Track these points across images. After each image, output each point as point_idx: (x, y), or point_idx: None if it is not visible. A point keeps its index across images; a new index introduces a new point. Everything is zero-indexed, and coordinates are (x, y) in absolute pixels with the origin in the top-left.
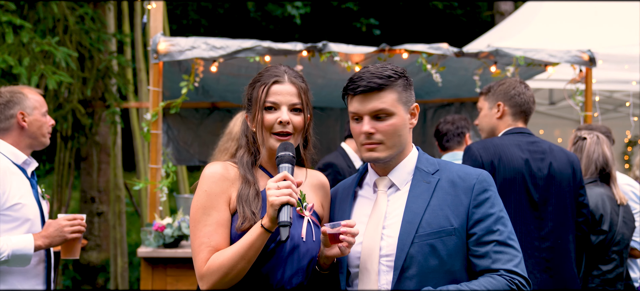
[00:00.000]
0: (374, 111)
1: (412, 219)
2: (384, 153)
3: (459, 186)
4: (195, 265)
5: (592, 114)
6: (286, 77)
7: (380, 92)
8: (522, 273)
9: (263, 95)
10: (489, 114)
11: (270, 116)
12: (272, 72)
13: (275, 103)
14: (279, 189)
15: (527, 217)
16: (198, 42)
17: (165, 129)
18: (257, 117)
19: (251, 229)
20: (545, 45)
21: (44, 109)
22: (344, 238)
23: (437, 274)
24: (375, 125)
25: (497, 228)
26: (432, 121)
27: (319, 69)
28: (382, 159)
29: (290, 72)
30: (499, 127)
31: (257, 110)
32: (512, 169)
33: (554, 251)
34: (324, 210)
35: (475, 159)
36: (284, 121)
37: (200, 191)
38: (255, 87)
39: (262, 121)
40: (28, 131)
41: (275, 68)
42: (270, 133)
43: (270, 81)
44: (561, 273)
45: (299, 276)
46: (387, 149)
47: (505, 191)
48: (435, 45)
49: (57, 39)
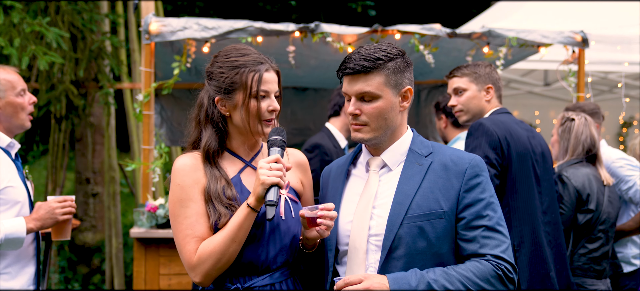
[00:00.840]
0: (360, 93)
1: (403, 201)
2: (368, 134)
3: (451, 170)
4: (183, 259)
5: (585, 95)
6: (269, 64)
7: (367, 74)
8: (508, 259)
9: (255, 84)
10: (478, 96)
11: (263, 104)
12: (254, 57)
13: (267, 91)
14: (270, 170)
15: (535, 192)
16: (190, 23)
17: (159, 110)
18: (248, 105)
19: (237, 210)
20: (541, 26)
21: (18, 88)
22: (321, 222)
23: (424, 256)
24: (361, 106)
25: (486, 213)
26: (425, 102)
27: (311, 50)
28: (366, 140)
29: (268, 58)
30: (485, 109)
31: (247, 97)
32: (521, 145)
33: (553, 225)
34: (305, 188)
35: (491, 135)
36: (275, 109)
37: (174, 185)
38: (241, 73)
39: (257, 109)
40: (2, 114)
41: (254, 53)
42: (260, 120)
43: (261, 69)
44: (559, 247)
45: (284, 255)
46: (371, 131)
47: (519, 166)
48: (428, 26)
49: (48, 19)
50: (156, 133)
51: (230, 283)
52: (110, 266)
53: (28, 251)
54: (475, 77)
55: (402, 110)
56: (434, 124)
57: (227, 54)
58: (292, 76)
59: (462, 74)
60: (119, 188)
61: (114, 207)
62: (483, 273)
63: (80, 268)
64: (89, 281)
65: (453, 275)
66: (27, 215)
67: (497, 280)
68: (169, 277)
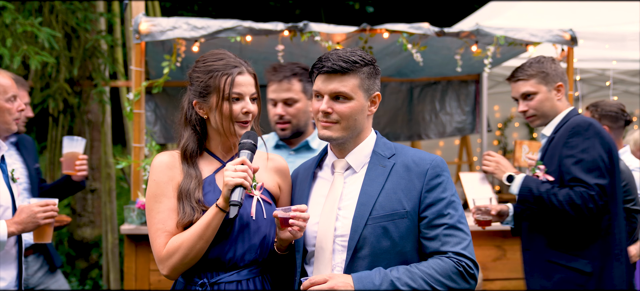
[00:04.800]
0: (335, 92)
1: (367, 202)
2: (337, 133)
3: (412, 171)
4: (154, 251)
5: (574, 93)
6: (244, 67)
7: (343, 75)
8: (469, 256)
9: (227, 87)
10: (549, 97)
11: (235, 106)
12: (228, 61)
13: (240, 94)
14: (235, 171)
15: None
16: (179, 23)
17: (153, 107)
18: (221, 107)
19: (208, 210)
20: (533, 24)
21: (9, 94)
22: (293, 223)
23: (388, 255)
24: (333, 105)
25: (447, 212)
26: (418, 99)
27: (301, 49)
28: (334, 139)
29: (243, 61)
30: (559, 109)
31: (219, 100)
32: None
33: None
34: (282, 192)
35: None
36: (249, 111)
37: (150, 181)
38: (215, 77)
39: (230, 112)
40: None
41: (229, 58)
42: (234, 122)
43: (234, 72)
44: None
45: (252, 253)
46: (341, 130)
47: (618, 171)
48: (416, 25)
49: (41, 19)
50: (148, 131)
51: (198, 278)
52: (107, 262)
53: (10, 253)
54: (543, 77)
55: (369, 114)
56: (427, 121)
57: (205, 59)
58: None
59: (528, 76)
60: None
61: (110, 203)
62: (444, 270)
63: (79, 263)
64: (87, 276)
65: (415, 272)
66: (9, 218)
67: (458, 276)
68: (159, 273)
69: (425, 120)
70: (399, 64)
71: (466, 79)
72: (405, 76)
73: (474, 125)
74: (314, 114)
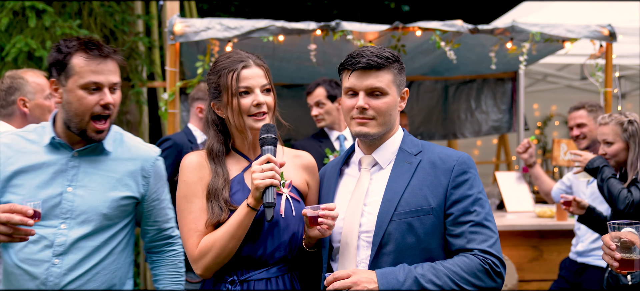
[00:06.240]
0: (371, 88)
1: (392, 198)
2: (374, 129)
3: (439, 168)
4: (187, 251)
5: (613, 89)
6: (251, 60)
7: (378, 71)
8: (496, 253)
9: (234, 81)
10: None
11: (245, 100)
12: (234, 58)
13: (248, 87)
14: (262, 172)
15: None
16: (213, 23)
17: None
18: (232, 104)
19: (238, 209)
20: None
21: (46, 92)
22: (322, 221)
23: (413, 251)
24: (370, 101)
25: (474, 209)
26: (453, 98)
27: (333, 48)
28: (371, 135)
29: (252, 55)
30: None
31: (230, 96)
32: None
33: None
34: (310, 189)
35: None
36: (260, 103)
37: (180, 181)
38: (223, 75)
39: (239, 107)
40: (31, 117)
41: (235, 54)
42: (247, 116)
43: (239, 67)
44: None
45: (281, 251)
46: (377, 126)
47: None
48: (449, 23)
49: (79, 22)
50: None
51: (228, 276)
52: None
53: None
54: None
55: (400, 109)
56: (462, 120)
57: (216, 61)
58: (316, 73)
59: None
60: None
61: None
62: (470, 268)
63: None
64: None
65: (440, 269)
66: None
67: (484, 274)
68: None
69: (461, 119)
70: (432, 62)
71: (502, 77)
72: (439, 74)
73: (511, 123)
74: (346, 111)
